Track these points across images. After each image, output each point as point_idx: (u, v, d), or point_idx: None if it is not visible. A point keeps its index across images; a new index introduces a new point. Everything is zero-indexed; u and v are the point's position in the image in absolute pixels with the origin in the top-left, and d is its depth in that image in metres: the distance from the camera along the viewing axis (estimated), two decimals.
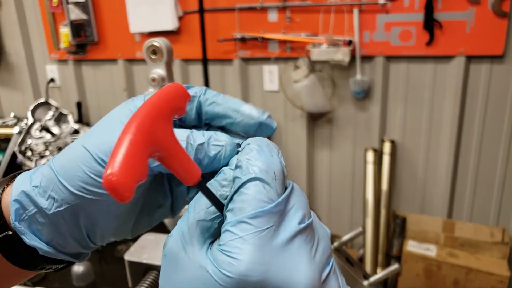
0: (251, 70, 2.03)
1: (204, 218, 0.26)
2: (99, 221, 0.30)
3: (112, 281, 1.31)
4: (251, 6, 1.86)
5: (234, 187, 0.25)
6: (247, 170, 0.25)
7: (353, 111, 1.91)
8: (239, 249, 0.23)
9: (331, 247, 0.28)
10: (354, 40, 1.74)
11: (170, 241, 0.26)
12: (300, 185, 1.74)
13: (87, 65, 2.36)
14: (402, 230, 1.88)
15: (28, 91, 2.53)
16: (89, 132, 0.31)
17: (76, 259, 0.33)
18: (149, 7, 1.99)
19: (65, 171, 0.28)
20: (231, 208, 0.25)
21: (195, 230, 0.26)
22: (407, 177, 1.93)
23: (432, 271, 1.78)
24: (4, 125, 2.22)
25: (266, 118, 0.31)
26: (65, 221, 0.29)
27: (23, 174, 0.31)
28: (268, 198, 0.24)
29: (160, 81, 0.52)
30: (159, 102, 0.25)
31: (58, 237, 0.30)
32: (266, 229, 0.24)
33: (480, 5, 1.58)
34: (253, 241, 0.23)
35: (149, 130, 0.23)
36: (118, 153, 0.21)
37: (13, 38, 2.45)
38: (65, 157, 0.29)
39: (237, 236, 0.23)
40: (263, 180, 0.25)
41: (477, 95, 1.72)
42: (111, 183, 0.20)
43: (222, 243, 0.24)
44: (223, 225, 0.25)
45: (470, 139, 1.79)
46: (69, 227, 0.30)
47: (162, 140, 0.24)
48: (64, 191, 0.28)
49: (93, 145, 0.28)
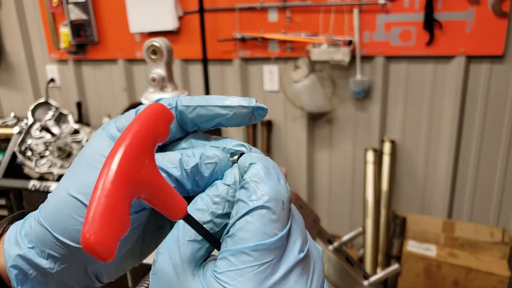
0: (251, 70, 2.03)
1: (195, 238, 0.24)
2: (105, 265, 0.30)
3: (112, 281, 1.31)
4: (251, 6, 1.86)
5: (238, 212, 0.24)
6: (255, 195, 0.24)
7: (353, 111, 1.91)
8: (237, 281, 0.22)
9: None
10: (354, 40, 1.74)
11: (159, 260, 0.25)
12: (300, 185, 1.74)
13: (87, 65, 2.36)
14: (402, 230, 1.88)
15: (28, 91, 2.53)
16: (71, 174, 0.29)
17: None
18: (149, 7, 1.99)
19: (58, 225, 0.27)
20: (232, 234, 0.23)
21: (186, 251, 0.24)
22: (407, 177, 1.93)
23: (432, 271, 1.78)
24: (4, 125, 2.22)
25: (256, 102, 0.29)
26: (71, 274, 0.29)
27: (11, 230, 0.29)
28: (273, 231, 0.23)
29: (160, 81, 0.52)
30: (139, 136, 0.22)
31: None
32: (266, 263, 0.22)
33: (480, 5, 1.58)
34: (251, 276, 0.22)
35: (129, 174, 0.21)
36: (93, 207, 0.19)
37: (13, 38, 2.45)
38: (54, 209, 0.28)
39: (236, 268, 0.22)
40: (271, 210, 0.23)
41: (477, 95, 1.72)
42: (89, 244, 0.19)
43: (219, 271, 0.23)
44: (220, 250, 0.24)
45: (470, 139, 1.78)
46: (76, 278, 0.29)
47: (144, 180, 0.21)
48: (64, 247, 0.27)
49: (81, 192, 0.27)
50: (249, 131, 2.09)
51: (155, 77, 0.53)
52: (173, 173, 0.27)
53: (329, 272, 0.75)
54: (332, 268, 0.75)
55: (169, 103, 0.29)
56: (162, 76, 0.53)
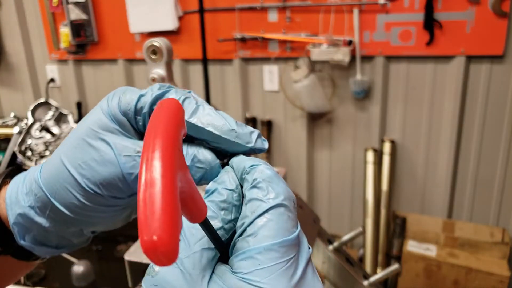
0: (251, 70, 2.03)
1: (208, 246, 0.24)
2: (100, 224, 0.31)
3: (112, 281, 1.31)
4: (251, 6, 1.86)
5: (255, 211, 0.23)
6: (272, 194, 0.24)
7: (353, 111, 1.91)
8: (269, 279, 0.22)
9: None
10: (354, 40, 1.74)
11: (164, 270, 0.23)
12: (300, 185, 1.74)
13: (87, 65, 2.36)
14: (402, 230, 1.88)
15: (28, 91, 2.53)
16: (68, 144, 0.29)
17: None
18: (149, 7, 1.99)
19: (57, 194, 0.28)
20: (254, 232, 0.23)
21: (200, 260, 0.23)
22: (407, 177, 1.93)
23: (432, 271, 1.78)
24: (4, 125, 2.22)
25: (256, 141, 0.28)
26: (68, 232, 0.31)
27: (13, 186, 0.31)
28: (291, 228, 0.23)
29: (160, 81, 0.52)
30: (174, 127, 0.21)
31: (64, 241, 0.31)
32: (291, 259, 0.23)
33: (480, 5, 1.58)
34: (282, 272, 0.22)
35: (176, 167, 0.19)
36: (154, 207, 0.17)
37: (13, 38, 2.45)
38: (53, 178, 0.29)
39: (265, 266, 0.22)
40: (288, 208, 0.24)
41: (477, 95, 1.72)
42: (154, 249, 0.16)
43: (246, 271, 0.22)
44: (238, 251, 0.23)
45: (470, 139, 1.79)
46: (73, 234, 0.31)
47: (181, 176, 0.20)
48: (62, 213, 0.29)
49: (76, 168, 0.28)
50: None
51: (155, 77, 0.54)
52: None
53: (329, 272, 0.75)
54: (332, 268, 0.75)
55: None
56: (162, 76, 0.53)
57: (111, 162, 0.28)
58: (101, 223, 0.31)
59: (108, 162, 0.28)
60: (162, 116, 0.21)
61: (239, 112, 2.09)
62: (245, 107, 2.09)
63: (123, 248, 1.46)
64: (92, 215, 0.29)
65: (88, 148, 0.28)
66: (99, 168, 0.28)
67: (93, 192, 0.28)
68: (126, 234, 1.51)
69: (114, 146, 0.28)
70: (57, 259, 1.45)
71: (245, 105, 2.09)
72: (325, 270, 0.75)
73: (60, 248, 0.32)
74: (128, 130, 0.29)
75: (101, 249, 1.47)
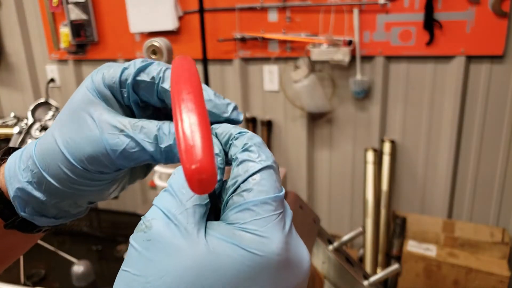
0: (251, 70, 2.03)
1: (200, 203, 0.25)
2: (91, 196, 0.33)
3: (112, 281, 1.31)
4: (251, 6, 1.86)
5: (248, 171, 0.26)
6: (262, 156, 0.26)
7: (353, 111, 1.92)
8: (266, 228, 0.24)
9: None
10: (354, 40, 1.74)
11: (157, 225, 0.24)
12: (300, 185, 1.74)
13: (87, 65, 2.36)
14: (402, 230, 1.88)
15: (28, 91, 2.53)
16: (59, 122, 0.30)
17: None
18: (149, 7, 1.99)
19: (51, 171, 0.30)
20: (249, 188, 0.25)
21: (193, 215, 0.24)
22: (407, 177, 1.93)
23: (432, 271, 1.78)
24: (4, 125, 2.22)
25: (232, 112, 0.30)
26: (65, 203, 0.32)
27: (11, 160, 0.32)
28: (279, 187, 0.26)
29: None
30: (196, 75, 0.25)
31: (62, 212, 0.33)
32: (281, 213, 0.25)
33: (480, 5, 1.58)
34: (275, 223, 0.24)
35: (204, 104, 0.23)
36: (195, 139, 0.20)
37: (13, 38, 2.45)
38: (47, 155, 0.30)
39: (261, 217, 0.24)
40: (275, 170, 0.26)
41: (477, 95, 1.72)
42: (202, 178, 0.19)
43: (244, 221, 0.24)
44: (234, 205, 0.25)
45: (470, 139, 1.79)
46: (70, 205, 0.33)
47: None
48: (55, 187, 0.30)
49: (67, 147, 0.29)
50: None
51: None
52: (148, 149, 0.28)
53: (329, 272, 0.76)
54: (332, 268, 0.75)
55: (154, 75, 0.30)
56: None
57: (95, 139, 0.29)
58: (92, 196, 0.33)
59: (93, 139, 0.29)
60: (186, 66, 0.25)
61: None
62: (245, 107, 2.09)
63: (123, 248, 1.46)
64: (81, 188, 0.31)
65: (74, 125, 0.29)
66: (85, 145, 0.29)
67: (80, 167, 0.29)
68: (126, 234, 1.51)
69: (98, 123, 0.29)
70: (57, 259, 1.46)
71: (245, 105, 2.09)
72: (325, 270, 0.75)
73: (58, 218, 0.34)
74: (113, 105, 0.30)
75: (101, 249, 1.47)
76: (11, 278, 1.35)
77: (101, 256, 1.46)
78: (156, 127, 0.28)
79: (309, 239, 0.70)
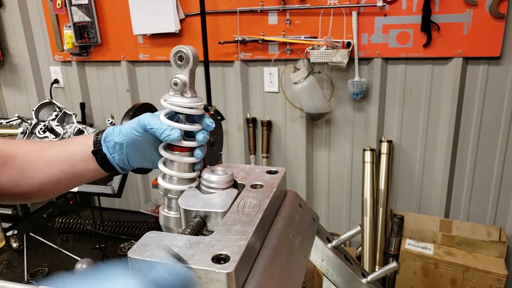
0: (251, 72, 2.06)
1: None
2: (144, 152, 0.63)
3: None
4: (251, 9, 1.89)
5: None
6: None
7: (352, 112, 1.94)
8: None
9: None
10: (352, 42, 1.77)
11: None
12: (299, 184, 1.76)
13: (90, 66, 2.39)
14: (399, 228, 1.91)
15: (32, 92, 2.56)
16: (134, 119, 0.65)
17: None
18: (151, 10, 2.02)
19: (127, 137, 0.62)
20: None
21: None
22: (405, 176, 1.95)
23: (430, 269, 1.80)
24: (9, 125, 2.26)
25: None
26: (132, 151, 0.63)
27: (110, 129, 0.63)
28: None
29: (182, 86, 0.57)
30: None
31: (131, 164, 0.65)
32: None
33: (477, 7, 1.60)
34: None
35: None
36: None
37: (17, 40, 2.48)
38: (125, 129, 0.63)
39: None
40: None
41: (474, 96, 1.74)
42: None
43: None
44: None
45: (467, 139, 1.81)
46: (137, 159, 0.64)
47: None
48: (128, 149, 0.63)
49: (134, 127, 0.61)
50: (249, 131, 2.12)
51: (178, 81, 0.58)
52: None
53: (328, 270, 0.77)
54: (331, 266, 0.77)
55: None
56: (185, 81, 0.58)
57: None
58: (145, 149, 0.63)
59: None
60: None
61: (240, 113, 2.12)
62: (245, 108, 2.12)
63: (126, 246, 1.49)
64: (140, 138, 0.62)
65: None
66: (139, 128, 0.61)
67: (140, 136, 0.61)
68: (129, 233, 1.54)
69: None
70: (60, 257, 1.48)
71: (245, 106, 2.12)
72: (324, 268, 0.77)
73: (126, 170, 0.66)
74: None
75: (104, 247, 1.50)
76: (15, 276, 1.38)
77: (104, 253, 1.48)
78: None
79: (308, 237, 0.72)
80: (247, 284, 0.42)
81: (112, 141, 0.62)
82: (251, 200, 0.54)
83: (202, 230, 0.52)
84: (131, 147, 0.61)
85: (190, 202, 0.54)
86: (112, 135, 0.62)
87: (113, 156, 0.62)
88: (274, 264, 0.49)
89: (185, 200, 0.55)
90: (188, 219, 0.54)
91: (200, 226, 0.51)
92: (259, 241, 0.50)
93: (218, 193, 0.56)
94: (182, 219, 0.54)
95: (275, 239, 0.53)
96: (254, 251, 0.47)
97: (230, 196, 0.55)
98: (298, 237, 0.59)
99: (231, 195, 0.56)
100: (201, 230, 0.51)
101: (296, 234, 0.59)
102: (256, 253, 0.48)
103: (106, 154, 0.62)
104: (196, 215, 0.53)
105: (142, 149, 0.62)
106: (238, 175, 0.62)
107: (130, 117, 1.11)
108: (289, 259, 0.53)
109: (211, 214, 0.52)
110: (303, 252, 0.59)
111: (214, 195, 0.56)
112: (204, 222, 0.52)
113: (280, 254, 0.51)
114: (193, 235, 0.48)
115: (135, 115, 1.06)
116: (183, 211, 0.54)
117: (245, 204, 0.54)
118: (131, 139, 0.61)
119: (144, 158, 0.63)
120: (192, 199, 0.55)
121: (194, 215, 0.53)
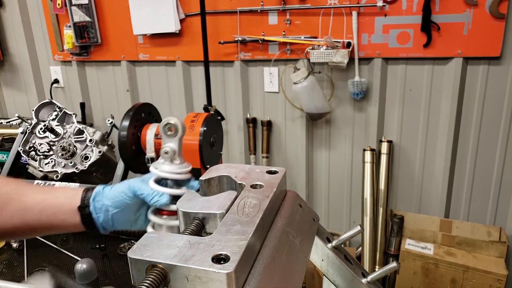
0: (251, 72, 2.06)
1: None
2: (129, 215, 0.66)
3: (115, 278, 1.34)
4: (251, 9, 1.89)
5: None
6: None
7: (352, 112, 1.94)
8: None
9: None
10: (352, 42, 1.77)
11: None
12: (299, 184, 1.76)
13: (90, 66, 2.39)
14: (399, 228, 1.90)
15: (32, 92, 2.56)
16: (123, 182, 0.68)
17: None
18: (151, 10, 2.02)
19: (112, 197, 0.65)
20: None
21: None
22: (405, 176, 1.95)
23: (430, 269, 1.80)
24: (9, 125, 2.26)
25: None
26: (118, 213, 0.65)
27: (98, 189, 0.65)
28: None
29: (172, 153, 0.67)
30: None
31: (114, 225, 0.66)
32: None
33: (477, 7, 1.60)
34: None
35: None
36: None
37: (17, 40, 2.48)
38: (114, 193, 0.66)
39: None
40: None
41: (474, 96, 1.74)
42: None
43: None
44: None
45: (467, 139, 1.81)
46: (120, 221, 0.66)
47: None
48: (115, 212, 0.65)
49: (125, 191, 0.64)
50: (249, 131, 2.12)
51: (168, 150, 0.66)
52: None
53: (328, 269, 0.77)
54: (331, 265, 0.77)
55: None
56: (174, 150, 0.65)
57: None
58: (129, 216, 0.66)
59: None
60: None
61: (240, 113, 2.12)
62: (245, 108, 2.12)
63: (126, 246, 1.49)
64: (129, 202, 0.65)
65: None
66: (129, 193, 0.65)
67: (128, 200, 0.64)
68: (129, 233, 1.54)
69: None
70: (60, 257, 1.48)
71: (245, 106, 2.12)
72: (324, 268, 0.77)
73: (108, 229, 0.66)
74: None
75: (104, 247, 1.50)
76: (15, 276, 1.38)
77: (104, 253, 1.48)
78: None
79: (308, 237, 0.72)
80: (247, 284, 0.42)
81: (100, 202, 0.63)
82: (251, 200, 0.54)
83: (200, 232, 0.52)
84: (118, 209, 0.63)
85: (188, 204, 0.55)
86: (102, 196, 0.63)
87: (98, 216, 0.63)
88: (274, 264, 0.49)
89: (183, 203, 0.55)
90: (186, 221, 0.54)
91: (199, 228, 0.51)
92: (259, 241, 0.50)
93: (217, 195, 0.57)
94: (181, 222, 0.55)
95: (275, 239, 0.53)
96: (254, 251, 0.47)
97: (229, 198, 0.56)
98: (298, 237, 0.59)
99: (229, 196, 0.56)
100: (199, 232, 0.51)
101: (296, 234, 0.58)
102: (256, 253, 0.48)
103: (91, 213, 0.63)
104: (195, 217, 0.53)
105: (129, 212, 0.65)
106: (238, 175, 0.62)
107: (130, 117, 1.11)
108: (289, 259, 0.53)
109: (209, 215, 0.52)
110: (303, 252, 0.59)
111: (212, 197, 0.57)
112: (203, 224, 0.53)
113: (280, 254, 0.51)
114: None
115: (135, 115, 1.06)
116: (182, 214, 0.54)
117: (245, 204, 0.54)
118: (120, 202, 0.63)
119: (129, 220, 0.66)
120: (191, 201, 0.56)
121: (192, 217, 0.53)
